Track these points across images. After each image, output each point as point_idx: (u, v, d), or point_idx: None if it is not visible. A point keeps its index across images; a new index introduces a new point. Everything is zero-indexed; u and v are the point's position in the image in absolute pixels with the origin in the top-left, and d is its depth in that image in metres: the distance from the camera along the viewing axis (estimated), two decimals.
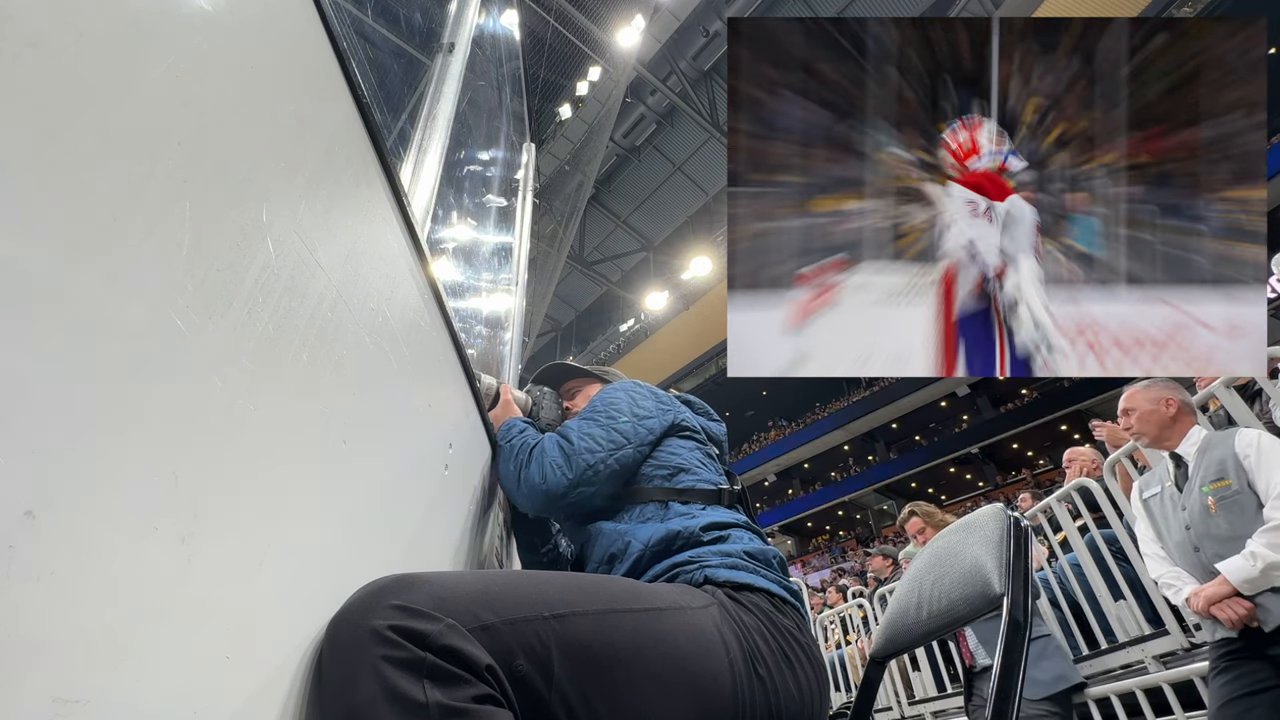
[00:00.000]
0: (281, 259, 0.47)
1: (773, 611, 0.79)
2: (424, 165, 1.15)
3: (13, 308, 0.27)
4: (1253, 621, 1.60)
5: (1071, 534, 2.92)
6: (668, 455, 1.01)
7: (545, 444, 1.00)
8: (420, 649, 0.50)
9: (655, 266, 23.60)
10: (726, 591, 0.79)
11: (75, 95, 0.31)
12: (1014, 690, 0.66)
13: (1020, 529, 0.78)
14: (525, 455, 1.00)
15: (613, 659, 0.63)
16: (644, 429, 1.01)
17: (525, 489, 0.98)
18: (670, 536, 0.87)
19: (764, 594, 0.81)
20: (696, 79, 18.95)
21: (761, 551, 0.88)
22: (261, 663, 0.43)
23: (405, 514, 0.71)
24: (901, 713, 4.03)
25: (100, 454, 0.31)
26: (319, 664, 0.50)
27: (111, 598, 0.31)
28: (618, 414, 1.02)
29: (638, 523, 0.93)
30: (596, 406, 1.05)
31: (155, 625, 0.33)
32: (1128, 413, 2.00)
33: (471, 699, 0.50)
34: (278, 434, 0.46)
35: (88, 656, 0.29)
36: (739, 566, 0.83)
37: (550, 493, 0.94)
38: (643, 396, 1.07)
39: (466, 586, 0.58)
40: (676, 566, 0.84)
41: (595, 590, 0.68)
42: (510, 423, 1.12)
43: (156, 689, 0.33)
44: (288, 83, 0.52)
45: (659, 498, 0.95)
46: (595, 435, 0.98)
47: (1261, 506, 1.64)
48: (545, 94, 16.39)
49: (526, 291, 2.86)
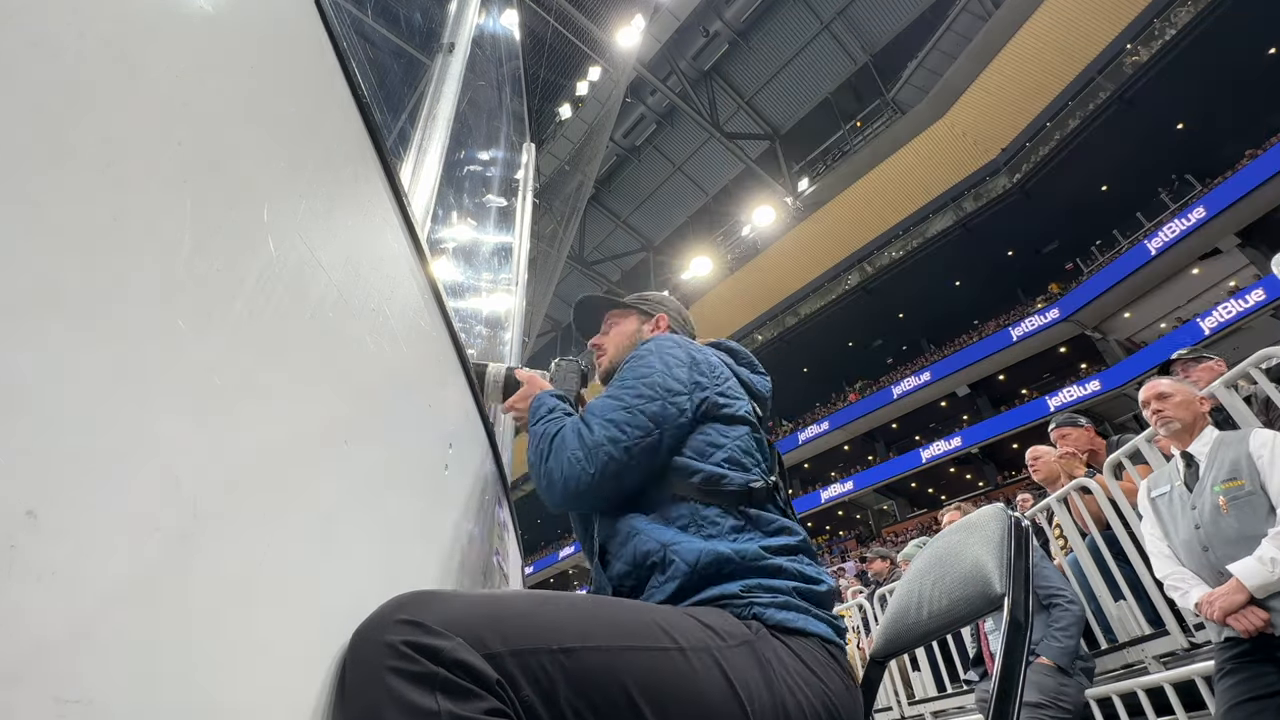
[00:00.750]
0: (282, 259, 0.47)
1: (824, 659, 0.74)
2: (424, 165, 1.15)
3: (13, 308, 0.27)
4: (1268, 628, 1.58)
5: (1071, 534, 2.91)
6: (704, 443, 0.90)
7: (566, 432, 0.89)
8: (433, 663, 0.52)
9: (655, 266, 23.60)
10: (774, 633, 0.73)
11: (75, 95, 0.31)
12: (1014, 690, 0.66)
13: (1021, 529, 0.78)
14: (547, 445, 0.90)
15: (621, 699, 0.60)
16: (675, 408, 0.89)
17: (545, 482, 0.88)
18: (720, 560, 0.78)
19: (817, 640, 0.76)
20: (696, 79, 18.96)
21: (810, 590, 0.80)
22: (261, 663, 0.43)
23: (405, 514, 0.71)
24: (901, 713, 4.03)
25: (100, 454, 0.31)
26: (341, 674, 0.52)
27: (111, 598, 0.31)
28: (648, 390, 0.90)
29: (676, 527, 0.83)
30: (625, 378, 0.94)
31: (155, 625, 0.33)
32: (1166, 397, 1.94)
33: (483, 711, 0.52)
34: (278, 434, 0.46)
35: (88, 656, 0.29)
36: (790, 607, 0.77)
37: (569, 489, 0.85)
38: (678, 363, 0.95)
39: (478, 609, 0.58)
40: (725, 598, 0.76)
41: (613, 622, 0.65)
42: (540, 399, 1.02)
43: (156, 689, 0.33)
44: (288, 83, 0.52)
45: (694, 496, 0.85)
46: (619, 421, 0.86)
47: (1273, 508, 1.62)
48: (545, 94, 16.40)
49: (526, 291, 2.86)
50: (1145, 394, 2.01)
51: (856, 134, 19.41)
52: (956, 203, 18.65)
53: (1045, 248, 18.81)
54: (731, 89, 19.62)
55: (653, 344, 0.99)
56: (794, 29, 18.21)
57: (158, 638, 0.34)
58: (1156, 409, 1.96)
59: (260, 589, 0.43)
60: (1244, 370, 2.15)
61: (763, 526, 0.84)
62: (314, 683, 0.49)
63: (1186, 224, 14.03)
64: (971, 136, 17.62)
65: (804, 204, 19.81)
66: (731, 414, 0.93)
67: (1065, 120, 16.24)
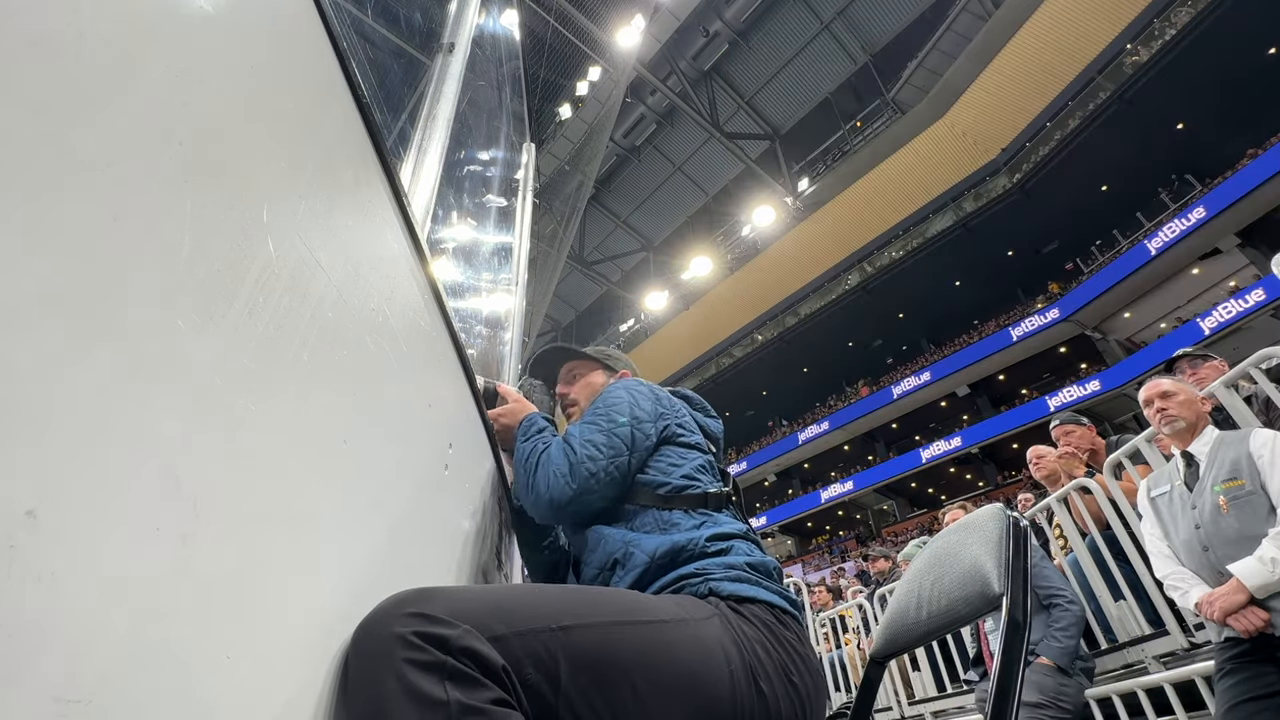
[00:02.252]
0: (282, 259, 0.47)
1: (774, 623, 0.81)
2: (424, 165, 1.15)
3: (13, 308, 0.27)
4: (1268, 628, 1.58)
5: (1071, 534, 2.91)
6: (667, 463, 1.01)
7: (552, 451, 1.00)
8: (442, 652, 0.53)
9: (655, 266, 23.61)
10: (730, 604, 0.80)
11: (75, 95, 0.31)
12: (1013, 690, 0.66)
13: (1019, 529, 0.78)
14: (534, 463, 1.00)
15: (617, 669, 0.65)
16: (641, 434, 1.01)
17: (531, 497, 0.98)
18: (675, 549, 0.87)
19: (765, 605, 0.83)
20: (696, 79, 18.97)
21: (762, 563, 0.89)
22: (261, 662, 0.43)
23: (405, 513, 0.71)
24: (901, 713, 4.03)
25: (100, 454, 0.31)
26: (344, 670, 0.52)
27: (111, 598, 0.31)
28: (619, 416, 1.02)
29: (640, 531, 0.93)
30: (599, 408, 1.05)
31: (155, 625, 0.33)
32: (1170, 395, 1.94)
33: (489, 701, 0.53)
34: (278, 433, 0.46)
35: (88, 656, 0.29)
36: (742, 579, 0.85)
37: (555, 501, 0.94)
38: (644, 398, 1.07)
39: (480, 599, 0.61)
40: (682, 579, 0.85)
41: (601, 603, 0.70)
42: (531, 419, 1.12)
43: (156, 689, 0.33)
44: (288, 83, 0.52)
45: (658, 504, 0.96)
46: (597, 442, 0.98)
47: (1273, 508, 1.62)
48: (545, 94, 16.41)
49: (526, 291, 2.86)
50: (1147, 393, 2.00)
51: (856, 134, 19.41)
52: (956, 203, 18.64)
53: (1045, 248, 18.80)
54: (731, 89, 19.62)
55: (621, 385, 1.11)
56: (794, 29, 18.22)
57: (157, 638, 0.34)
58: (1161, 407, 1.95)
59: (260, 588, 0.43)
60: (1244, 370, 2.15)
61: (719, 523, 0.94)
62: (315, 681, 0.49)
63: (1186, 224, 14.02)
64: (971, 136, 17.62)
65: (804, 204, 19.82)
66: (687, 441, 1.06)
67: (1065, 120, 16.23)
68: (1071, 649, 2.38)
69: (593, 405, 1.08)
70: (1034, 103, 16.83)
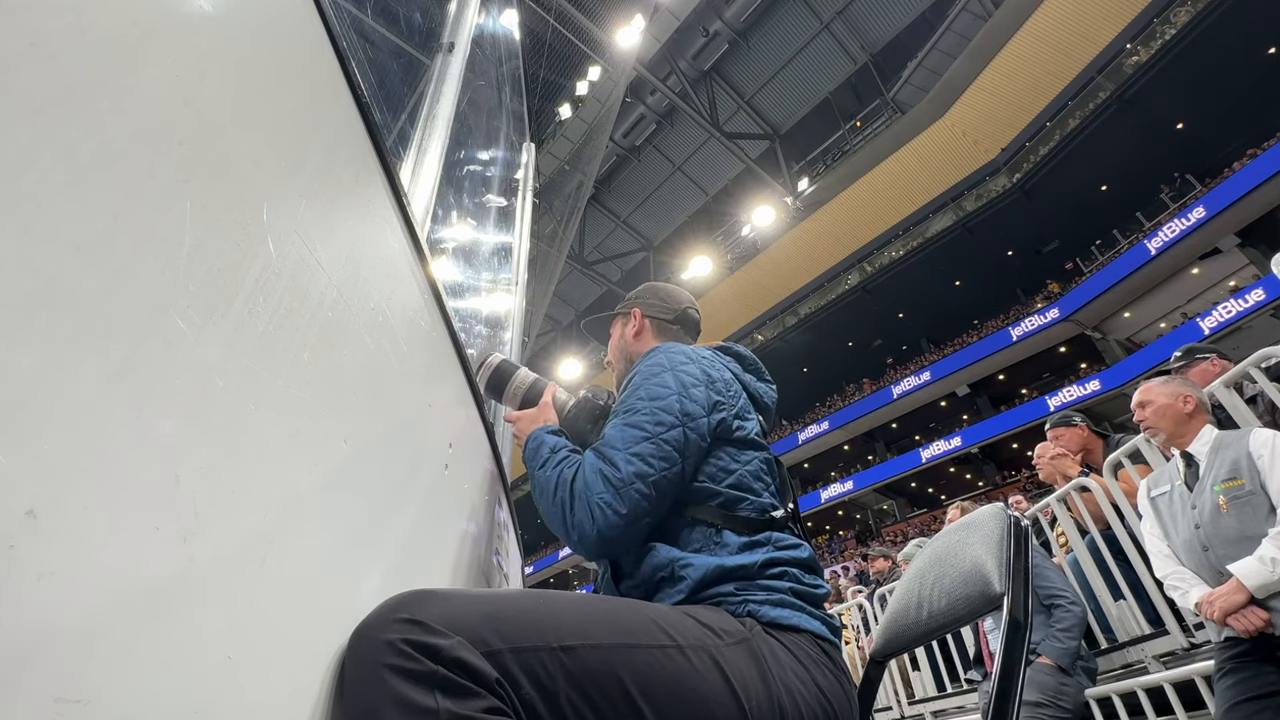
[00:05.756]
0: (282, 258, 0.47)
1: (818, 656, 0.75)
2: (424, 165, 1.15)
3: (13, 308, 0.27)
4: (1268, 628, 1.58)
5: (1071, 534, 2.92)
6: (717, 468, 0.87)
7: (586, 473, 0.83)
8: (433, 662, 0.52)
9: (655, 266, 23.60)
10: (768, 630, 0.74)
11: (75, 95, 0.31)
12: (1013, 690, 0.66)
13: (1020, 528, 0.78)
14: (567, 493, 0.83)
15: (620, 696, 0.61)
16: (696, 434, 0.85)
17: (574, 535, 0.81)
18: (726, 572, 0.78)
19: (809, 636, 0.77)
20: (696, 79, 18.97)
21: (806, 591, 0.81)
22: (261, 662, 0.43)
23: (406, 513, 0.71)
24: (901, 713, 4.03)
25: (100, 454, 0.31)
26: (341, 674, 0.52)
27: (111, 598, 0.31)
28: (665, 415, 0.85)
29: (689, 550, 0.81)
30: (641, 398, 0.88)
31: (155, 625, 0.33)
32: (1144, 405, 1.96)
33: (481, 710, 0.52)
34: (278, 433, 0.46)
35: (88, 656, 0.29)
36: (784, 604, 0.78)
37: (604, 535, 0.78)
38: (693, 382, 0.90)
39: (478, 607, 0.58)
40: (721, 596, 0.77)
41: (611, 621, 0.65)
42: (538, 440, 0.94)
43: (156, 689, 0.33)
44: (288, 83, 0.52)
45: (710, 519, 0.84)
46: (645, 454, 0.81)
47: (1273, 508, 1.62)
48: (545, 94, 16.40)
49: (526, 291, 2.86)
50: (1133, 401, 2.03)
51: (856, 134, 19.40)
52: (956, 203, 18.64)
53: (1045, 248, 18.80)
54: (731, 89, 19.62)
55: (663, 357, 0.94)
56: (794, 29, 18.21)
57: (157, 638, 0.34)
58: (1139, 418, 1.99)
59: (259, 589, 0.43)
60: (1244, 370, 2.15)
61: (778, 546, 0.84)
62: (314, 682, 0.49)
63: (1186, 224, 14.02)
64: (971, 136, 17.61)
65: (804, 204, 19.80)
66: (744, 437, 0.91)
67: (1065, 120, 16.23)
68: (1073, 650, 2.39)
69: (631, 389, 0.91)
70: (1034, 102, 16.83)
